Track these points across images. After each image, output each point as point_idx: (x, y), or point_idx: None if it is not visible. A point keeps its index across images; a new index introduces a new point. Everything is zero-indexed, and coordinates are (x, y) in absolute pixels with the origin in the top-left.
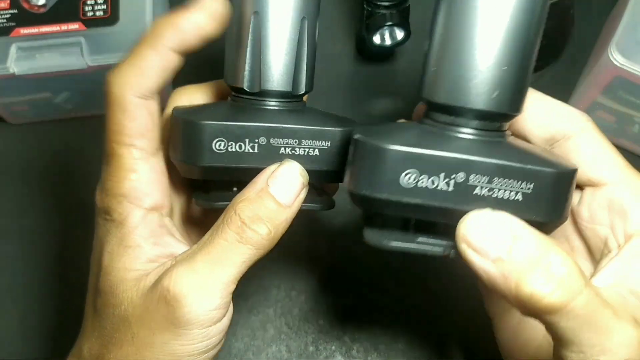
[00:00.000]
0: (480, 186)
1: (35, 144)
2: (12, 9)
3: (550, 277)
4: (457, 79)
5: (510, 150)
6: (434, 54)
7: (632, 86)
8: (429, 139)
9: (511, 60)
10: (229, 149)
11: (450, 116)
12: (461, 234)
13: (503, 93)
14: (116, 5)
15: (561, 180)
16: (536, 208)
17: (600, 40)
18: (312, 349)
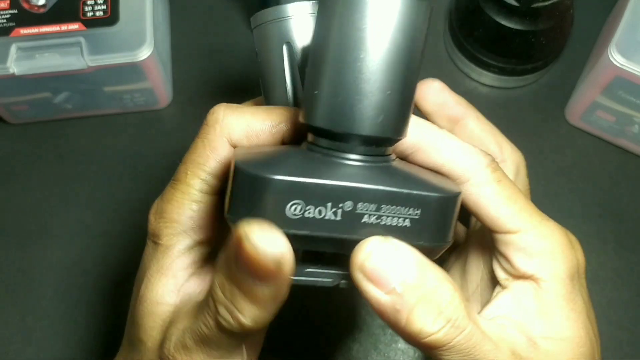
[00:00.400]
0: (368, 214)
1: (35, 144)
2: (12, 9)
3: (438, 314)
4: (340, 104)
5: (396, 175)
6: (315, 76)
7: (632, 86)
8: (314, 167)
9: (395, 84)
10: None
11: (335, 142)
12: (358, 263)
13: (387, 118)
14: (116, 6)
15: (446, 204)
16: (423, 233)
17: (600, 40)
18: (312, 349)
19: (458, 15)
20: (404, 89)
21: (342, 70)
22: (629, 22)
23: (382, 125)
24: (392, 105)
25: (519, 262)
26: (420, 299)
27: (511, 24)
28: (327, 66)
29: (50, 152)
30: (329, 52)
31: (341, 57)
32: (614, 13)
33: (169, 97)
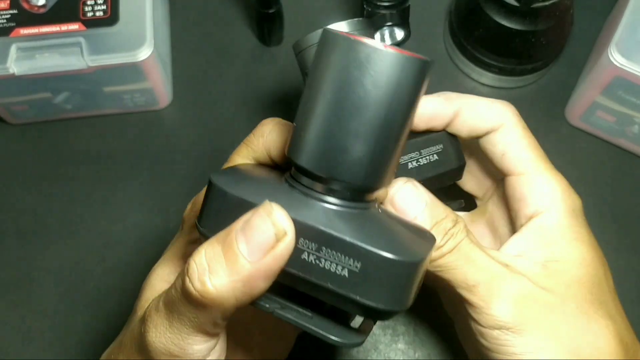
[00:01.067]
0: (307, 252)
1: (35, 144)
2: (12, 9)
3: (445, 234)
4: (321, 148)
5: (356, 223)
6: (303, 116)
7: (632, 86)
8: (272, 195)
9: (374, 138)
10: None
11: (308, 180)
12: (389, 198)
13: (364, 168)
14: (116, 6)
15: (394, 267)
16: (360, 289)
17: (600, 40)
18: (312, 349)
19: (458, 15)
20: (386, 145)
21: (328, 119)
22: (629, 22)
23: (357, 174)
24: (369, 157)
25: (529, 201)
26: (433, 224)
27: (511, 24)
28: (315, 111)
29: (50, 152)
30: (320, 99)
31: (329, 107)
32: (614, 13)
33: (169, 97)
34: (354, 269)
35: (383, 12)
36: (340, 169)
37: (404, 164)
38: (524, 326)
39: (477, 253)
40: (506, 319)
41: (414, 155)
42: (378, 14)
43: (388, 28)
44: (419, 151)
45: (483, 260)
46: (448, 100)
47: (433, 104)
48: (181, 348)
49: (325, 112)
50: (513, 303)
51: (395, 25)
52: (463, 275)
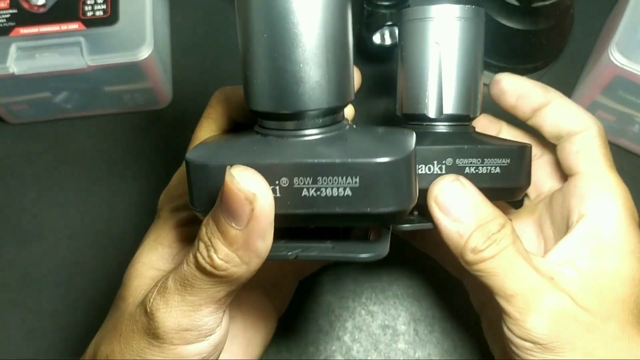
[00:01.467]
0: (306, 187)
1: (35, 144)
2: (12, 9)
3: (488, 238)
4: (278, 88)
5: (337, 145)
6: (243, 64)
7: (632, 86)
8: (253, 150)
9: (322, 58)
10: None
11: (274, 121)
12: (433, 195)
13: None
14: (116, 5)
15: (385, 168)
16: (366, 200)
17: (600, 40)
18: (312, 349)
19: None
20: (336, 60)
21: (273, 58)
22: (629, 21)
23: (310, 98)
24: (328, 79)
25: (590, 198)
26: (477, 226)
27: (511, 24)
28: (259, 56)
29: (50, 152)
30: (259, 43)
31: (270, 47)
32: (614, 13)
33: (169, 97)
34: (354, 185)
35: (383, 12)
36: (303, 100)
37: (461, 166)
38: (559, 344)
39: (520, 262)
40: (541, 335)
41: (475, 162)
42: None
43: (388, 28)
44: (482, 159)
45: (525, 270)
46: (543, 89)
47: (528, 86)
48: (193, 320)
49: (269, 53)
50: (550, 320)
51: (395, 25)
52: (502, 283)
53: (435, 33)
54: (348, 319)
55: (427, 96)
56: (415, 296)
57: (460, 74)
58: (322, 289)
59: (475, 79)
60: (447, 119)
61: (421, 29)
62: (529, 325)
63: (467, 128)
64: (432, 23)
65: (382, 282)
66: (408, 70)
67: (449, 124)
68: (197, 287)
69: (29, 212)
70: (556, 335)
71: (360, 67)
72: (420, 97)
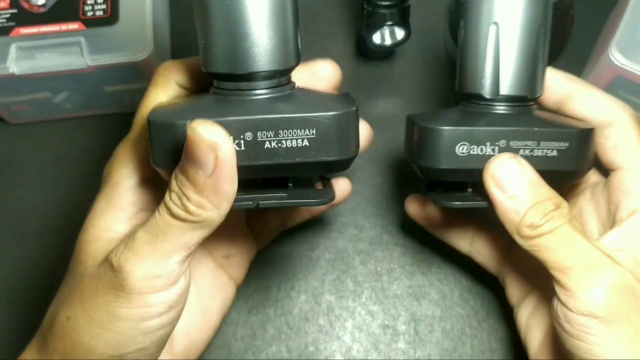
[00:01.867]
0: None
1: (35, 144)
2: (12, 9)
3: (545, 215)
4: (235, 50)
5: (293, 101)
6: (201, 28)
7: (633, 86)
8: (214, 109)
9: (274, 21)
10: (471, 152)
11: (232, 82)
12: (490, 172)
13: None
14: (116, 5)
15: (338, 120)
16: (323, 149)
17: (600, 40)
18: (312, 349)
19: (458, 15)
20: (282, 25)
21: (228, 24)
22: (629, 21)
23: (266, 60)
24: (270, 40)
25: (637, 194)
26: (535, 202)
27: None
28: (207, 12)
29: (50, 152)
30: (213, 12)
31: (224, 14)
32: (614, 13)
33: None
34: (311, 136)
35: (383, 12)
36: (260, 62)
37: (515, 148)
38: (615, 317)
39: (578, 237)
40: (598, 307)
41: (530, 144)
42: (378, 14)
43: (388, 27)
44: (538, 142)
45: (584, 245)
46: (567, 79)
47: (554, 76)
48: (162, 267)
49: (224, 19)
50: (609, 292)
51: (396, 25)
52: (560, 257)
53: (494, 12)
54: (348, 319)
55: (483, 76)
56: (415, 296)
57: (520, 54)
58: (322, 288)
59: (536, 59)
60: (504, 99)
61: (479, 7)
62: (587, 297)
63: (527, 108)
64: (490, 2)
65: (382, 282)
66: (466, 49)
67: (507, 105)
68: (171, 234)
69: (29, 212)
70: (614, 308)
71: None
72: (477, 77)
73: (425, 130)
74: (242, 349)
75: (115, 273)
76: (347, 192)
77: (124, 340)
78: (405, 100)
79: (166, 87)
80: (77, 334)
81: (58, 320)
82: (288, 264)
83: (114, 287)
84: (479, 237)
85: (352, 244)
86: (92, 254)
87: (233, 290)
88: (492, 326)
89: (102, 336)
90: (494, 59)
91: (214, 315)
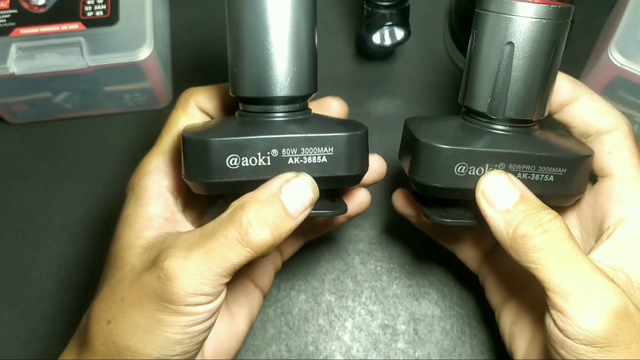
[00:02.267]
0: (292, 157)
1: (35, 144)
2: (12, 9)
3: (538, 226)
4: (266, 77)
5: (312, 124)
6: (233, 55)
7: (632, 86)
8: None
9: (295, 54)
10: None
11: (257, 105)
12: (480, 188)
13: (304, 80)
14: (116, 5)
15: (351, 140)
16: (338, 165)
17: (600, 40)
18: (312, 348)
19: (458, 15)
20: (303, 57)
21: (251, 48)
22: (629, 21)
23: (289, 87)
24: (292, 70)
25: (627, 203)
26: (527, 215)
27: None
28: (241, 46)
29: (50, 152)
30: (245, 43)
31: (255, 45)
32: (614, 13)
33: (169, 97)
34: (329, 153)
35: (383, 12)
36: (284, 87)
37: (513, 171)
38: (615, 344)
39: (579, 258)
40: (598, 336)
41: (529, 168)
42: (378, 14)
43: (388, 28)
44: (537, 167)
45: (585, 267)
46: (573, 83)
47: (558, 78)
48: (213, 287)
49: (254, 50)
50: (609, 319)
51: (395, 25)
52: (559, 279)
53: (510, 31)
54: (348, 319)
55: (490, 96)
56: (415, 296)
57: (531, 79)
58: (322, 288)
59: (547, 82)
60: (508, 120)
61: (496, 24)
62: (588, 326)
63: (529, 129)
64: (509, 21)
65: (382, 281)
66: (475, 64)
67: (510, 126)
68: (230, 258)
69: (29, 212)
70: (614, 336)
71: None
72: (483, 95)
73: (424, 147)
74: (242, 349)
75: (164, 286)
76: (366, 202)
77: (170, 343)
78: (405, 100)
79: (188, 110)
80: (121, 337)
81: (97, 324)
82: (288, 263)
83: (160, 298)
84: (464, 236)
85: (352, 244)
86: (129, 261)
87: (260, 299)
88: (492, 326)
89: (149, 339)
90: (504, 80)
91: (241, 323)
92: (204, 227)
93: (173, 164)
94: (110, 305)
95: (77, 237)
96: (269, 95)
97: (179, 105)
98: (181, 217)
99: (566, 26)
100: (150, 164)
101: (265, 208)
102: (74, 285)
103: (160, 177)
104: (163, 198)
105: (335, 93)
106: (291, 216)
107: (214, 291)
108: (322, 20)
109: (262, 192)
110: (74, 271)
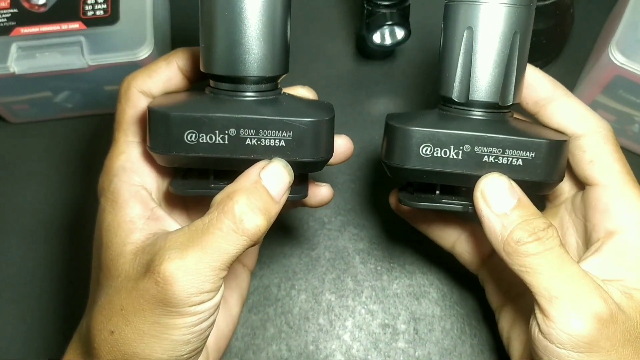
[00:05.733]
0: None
1: (35, 143)
2: (12, 9)
3: (533, 233)
4: (233, 56)
5: (276, 105)
6: (204, 33)
7: (632, 85)
8: (208, 104)
9: (267, 35)
10: (434, 154)
11: (226, 83)
12: (479, 188)
13: (269, 61)
14: (116, 5)
15: (312, 127)
16: (297, 151)
17: (600, 40)
18: (312, 348)
19: None
20: (272, 38)
21: (229, 33)
22: (629, 21)
23: (259, 67)
24: (260, 50)
25: (613, 214)
26: (523, 221)
27: None
28: (212, 23)
29: (51, 151)
30: (217, 22)
31: (227, 24)
32: (614, 12)
33: None
34: (288, 138)
35: (383, 11)
36: (252, 68)
37: (479, 154)
38: (596, 350)
39: (568, 264)
40: (581, 340)
41: (495, 151)
42: (378, 13)
43: (388, 27)
44: (503, 150)
45: (574, 272)
46: (552, 83)
47: (537, 77)
48: (213, 282)
49: (226, 28)
50: (593, 324)
51: (396, 25)
52: (546, 283)
53: (469, 17)
54: (348, 318)
55: (455, 80)
56: (415, 295)
57: (492, 61)
58: (322, 287)
59: (509, 66)
60: (475, 104)
61: (457, 11)
62: (572, 331)
63: (502, 116)
64: (466, 6)
65: (382, 281)
66: (442, 52)
67: (480, 110)
68: (227, 250)
69: (29, 212)
70: (597, 342)
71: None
72: (450, 81)
73: (392, 129)
74: (242, 348)
75: (163, 291)
76: (327, 197)
77: (179, 345)
78: (405, 100)
79: (130, 99)
80: (127, 345)
81: (100, 334)
82: (288, 263)
83: (162, 303)
84: (462, 238)
85: (352, 243)
86: (123, 269)
87: (248, 277)
88: (492, 325)
89: (156, 344)
90: (465, 63)
91: (235, 306)
92: (192, 225)
93: (138, 158)
94: (111, 317)
95: (77, 236)
96: (237, 75)
97: (120, 97)
98: (161, 212)
99: (527, 11)
100: (114, 166)
101: (253, 195)
102: (74, 285)
103: (128, 175)
104: (139, 197)
105: (335, 92)
106: (275, 200)
107: (215, 287)
108: (322, 20)
109: (245, 181)
110: (74, 271)
